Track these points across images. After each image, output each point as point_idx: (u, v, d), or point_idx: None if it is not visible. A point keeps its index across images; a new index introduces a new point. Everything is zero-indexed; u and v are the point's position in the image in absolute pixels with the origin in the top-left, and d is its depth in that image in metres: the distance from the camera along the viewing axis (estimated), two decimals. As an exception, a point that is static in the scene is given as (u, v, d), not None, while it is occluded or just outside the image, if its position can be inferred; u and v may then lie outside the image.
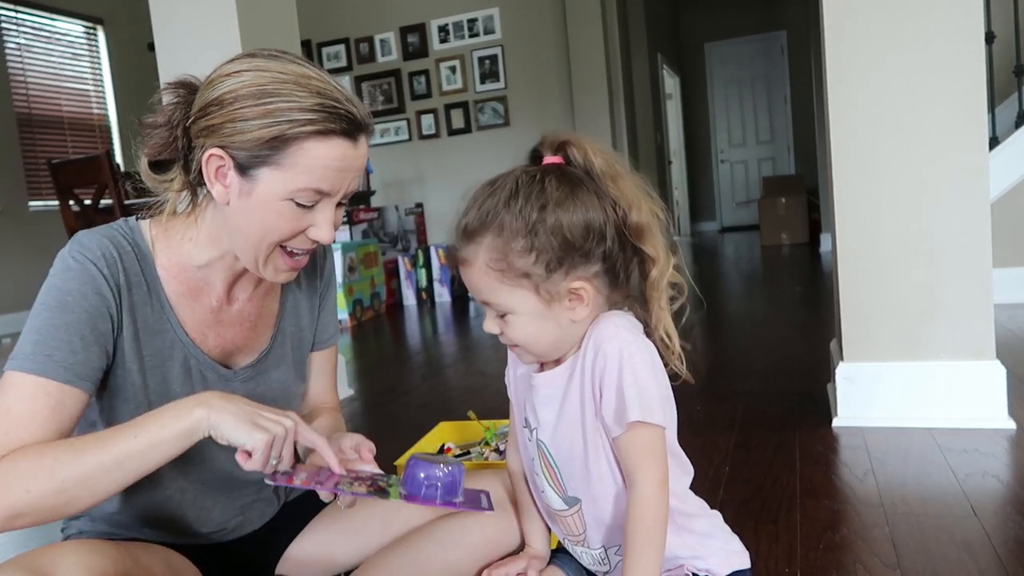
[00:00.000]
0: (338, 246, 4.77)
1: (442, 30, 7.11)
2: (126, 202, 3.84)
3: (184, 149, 0.96)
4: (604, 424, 0.89)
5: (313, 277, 1.18)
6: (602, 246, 0.85)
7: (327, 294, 1.21)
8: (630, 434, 0.86)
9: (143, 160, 0.99)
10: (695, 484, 0.99)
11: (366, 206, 5.75)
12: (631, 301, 0.92)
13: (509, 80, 6.93)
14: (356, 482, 0.95)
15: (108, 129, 6.71)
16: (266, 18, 2.44)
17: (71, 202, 4.00)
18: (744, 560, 1.00)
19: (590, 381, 0.89)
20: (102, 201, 3.95)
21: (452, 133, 7.19)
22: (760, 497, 1.55)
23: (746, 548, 1.00)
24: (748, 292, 4.92)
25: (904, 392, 1.89)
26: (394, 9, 7.19)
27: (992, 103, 3.67)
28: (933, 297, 1.87)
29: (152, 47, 2.49)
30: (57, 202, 4.06)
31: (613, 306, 0.90)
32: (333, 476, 0.95)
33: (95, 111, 6.62)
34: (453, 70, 7.12)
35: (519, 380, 1.00)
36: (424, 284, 5.46)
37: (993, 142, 3.52)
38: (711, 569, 0.96)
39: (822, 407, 2.06)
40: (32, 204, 6.04)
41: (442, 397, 2.70)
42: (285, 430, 0.89)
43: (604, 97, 6.44)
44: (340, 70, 7.34)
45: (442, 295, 5.45)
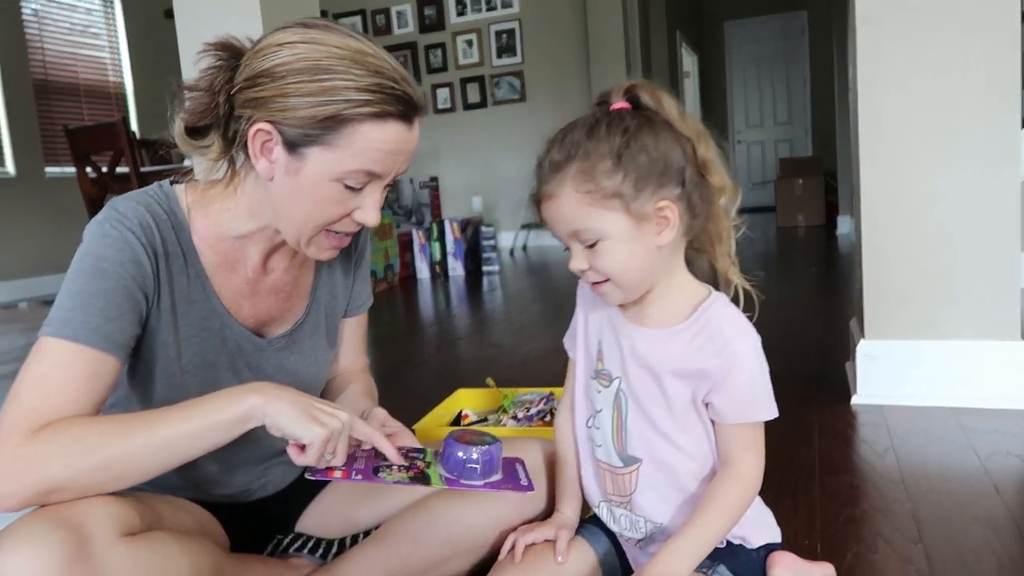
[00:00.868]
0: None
1: (459, 3, 7.04)
2: (142, 169, 3.85)
3: (225, 116, 0.92)
4: (714, 410, 0.91)
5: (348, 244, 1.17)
6: (681, 170, 0.88)
7: (361, 261, 1.19)
8: (745, 425, 0.91)
9: (178, 123, 0.95)
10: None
11: (381, 179, 5.73)
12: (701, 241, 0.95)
13: (526, 55, 6.86)
14: (396, 468, 0.95)
15: (124, 97, 6.70)
16: (286, -16, 2.41)
17: (88, 168, 4.01)
18: (776, 535, 1.01)
19: (707, 367, 0.89)
20: (118, 168, 3.96)
21: (468, 107, 7.14)
22: (779, 471, 1.54)
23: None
24: (764, 273, 4.88)
25: (926, 371, 1.88)
26: (412, -20, 7.13)
27: None
28: (958, 276, 1.85)
29: (169, 14, 2.46)
30: (73, 168, 4.08)
31: (689, 234, 0.92)
32: (370, 464, 0.95)
33: (111, 78, 6.61)
34: (470, 43, 7.06)
35: (603, 330, 1.00)
36: (438, 258, 5.45)
37: None
38: (746, 538, 0.97)
39: (840, 386, 2.05)
40: (49, 170, 6.06)
41: (456, 368, 2.70)
42: (342, 424, 0.88)
43: (622, 74, 6.35)
44: (356, 42, 7.29)
45: (456, 269, 5.44)
